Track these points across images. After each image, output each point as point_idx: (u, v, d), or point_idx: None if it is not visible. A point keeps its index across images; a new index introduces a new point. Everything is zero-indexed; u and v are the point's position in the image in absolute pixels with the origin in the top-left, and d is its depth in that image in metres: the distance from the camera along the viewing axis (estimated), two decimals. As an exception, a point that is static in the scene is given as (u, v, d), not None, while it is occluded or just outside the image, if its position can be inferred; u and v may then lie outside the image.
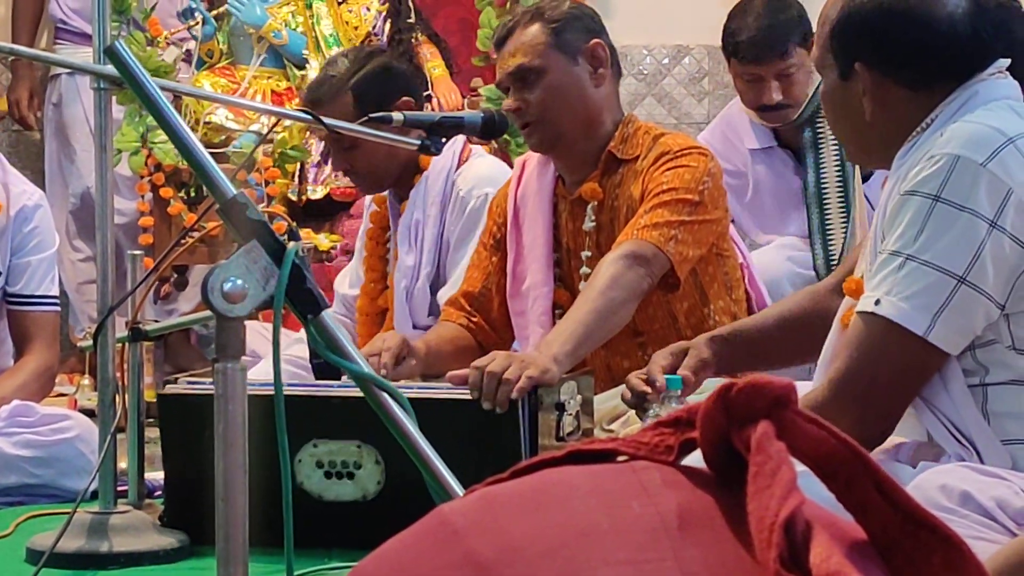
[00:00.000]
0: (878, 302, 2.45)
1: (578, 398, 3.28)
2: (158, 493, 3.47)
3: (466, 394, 3.12)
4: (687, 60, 6.87)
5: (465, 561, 1.14)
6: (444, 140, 3.64)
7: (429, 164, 4.24)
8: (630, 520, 1.16)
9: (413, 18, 6.12)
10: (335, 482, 3.16)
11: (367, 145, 4.04)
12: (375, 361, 3.43)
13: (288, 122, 5.55)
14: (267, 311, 1.98)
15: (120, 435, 3.19)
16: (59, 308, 4.35)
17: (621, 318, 3.46)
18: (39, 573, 2.88)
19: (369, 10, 6.13)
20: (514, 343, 3.89)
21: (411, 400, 2.08)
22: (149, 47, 5.73)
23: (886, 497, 1.17)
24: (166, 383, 3.40)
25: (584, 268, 3.74)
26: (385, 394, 2.05)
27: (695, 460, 1.23)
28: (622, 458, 1.24)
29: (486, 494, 1.22)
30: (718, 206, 3.66)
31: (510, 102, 3.75)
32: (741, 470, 1.16)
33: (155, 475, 3.52)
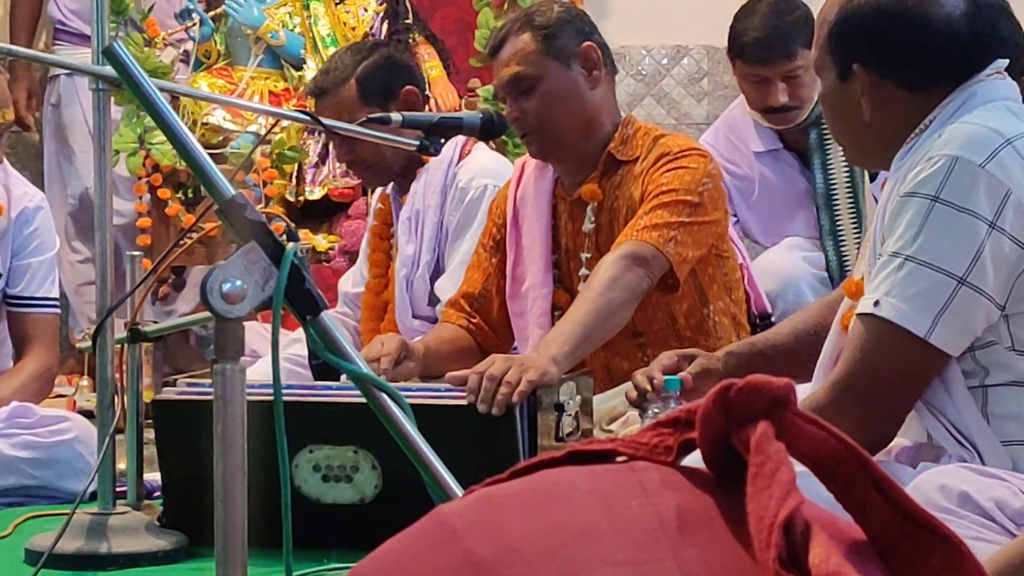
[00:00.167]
0: (878, 303, 2.44)
1: (577, 398, 3.28)
2: (157, 494, 3.47)
3: (463, 401, 3.11)
4: (686, 60, 6.87)
5: (464, 561, 1.14)
6: (443, 141, 3.64)
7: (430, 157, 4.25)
8: (629, 520, 1.16)
9: (411, 19, 6.12)
10: (333, 486, 3.16)
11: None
12: (374, 367, 3.42)
13: (286, 123, 5.55)
14: (266, 312, 1.98)
15: (119, 436, 3.19)
16: (59, 310, 4.35)
17: (620, 319, 3.46)
18: (38, 574, 2.88)
19: (367, 11, 6.13)
20: (514, 344, 3.89)
21: (409, 402, 2.08)
22: (147, 48, 5.73)
23: (885, 497, 1.17)
24: (165, 384, 3.39)
25: (584, 270, 3.74)
26: (384, 395, 2.05)
27: (694, 460, 1.23)
28: (621, 458, 1.24)
29: (485, 494, 1.22)
30: (717, 207, 3.66)
31: (508, 111, 3.75)
32: (740, 470, 1.16)
33: (154, 476, 3.52)
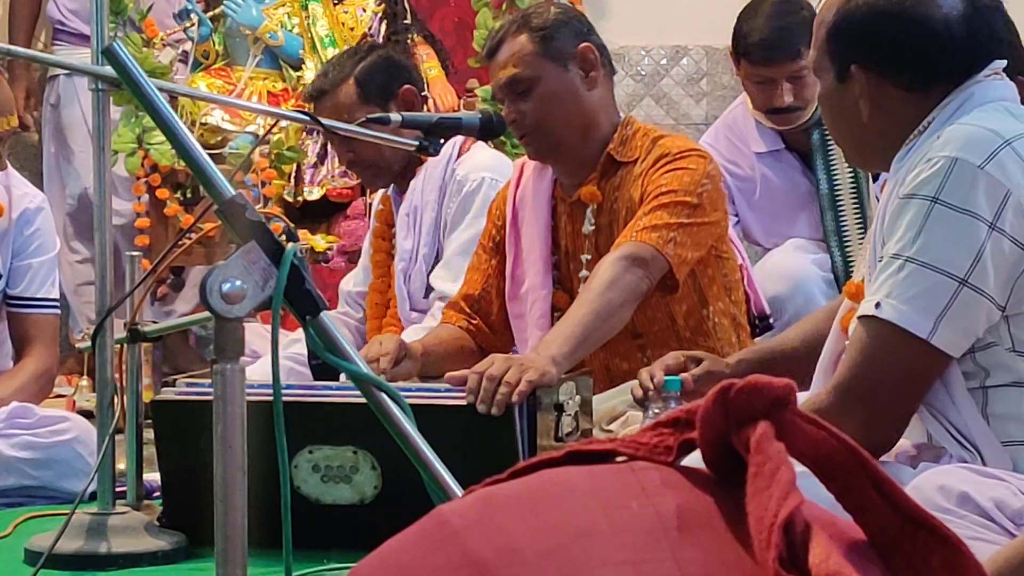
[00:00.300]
0: (879, 305, 2.43)
1: (577, 399, 3.28)
2: (156, 494, 3.47)
3: (463, 396, 3.12)
4: (685, 61, 6.87)
5: (464, 561, 1.14)
6: (442, 141, 3.64)
7: None
8: (629, 521, 1.16)
9: (409, 19, 6.11)
10: (332, 486, 3.16)
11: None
12: (373, 367, 3.42)
13: (285, 123, 5.55)
14: (265, 312, 1.98)
15: (118, 436, 3.19)
16: (59, 311, 4.35)
17: (619, 319, 3.46)
18: (38, 574, 2.88)
19: (365, 11, 6.13)
20: (514, 346, 3.89)
21: (409, 402, 2.08)
22: (145, 48, 5.73)
23: (885, 498, 1.17)
24: (164, 385, 3.39)
25: (583, 271, 3.74)
26: (384, 395, 2.05)
27: (694, 461, 1.23)
28: (621, 459, 1.24)
29: (485, 495, 1.22)
30: (717, 208, 3.66)
31: (506, 113, 3.75)
32: (740, 471, 1.16)
33: (154, 476, 3.52)
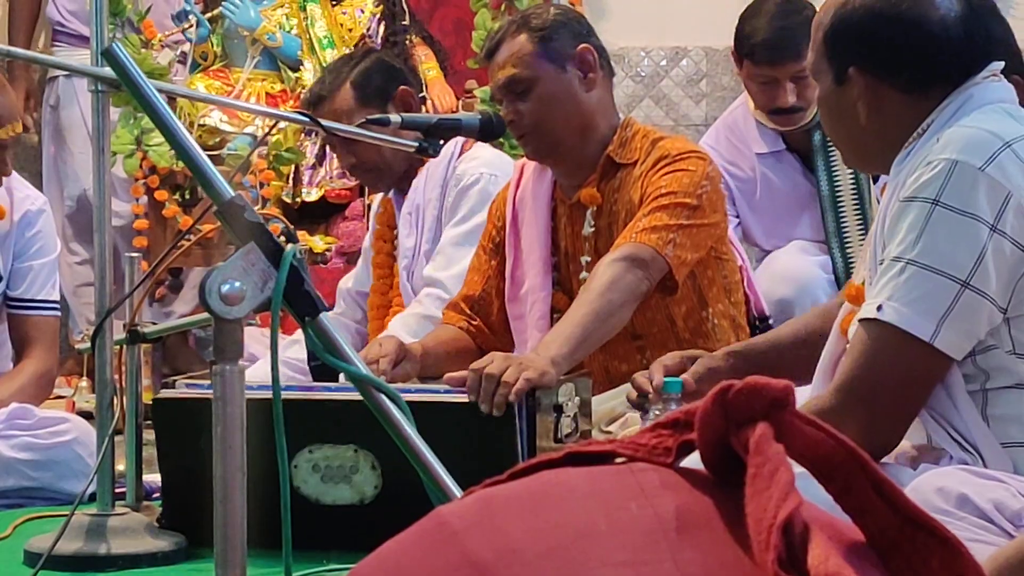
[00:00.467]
0: (881, 308, 2.43)
1: (576, 400, 3.28)
2: (156, 495, 3.47)
3: (463, 397, 3.12)
4: (685, 62, 6.87)
5: (463, 562, 1.14)
6: (441, 142, 3.64)
7: None
8: (628, 522, 1.16)
9: (407, 20, 6.12)
10: (332, 486, 3.16)
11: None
12: (373, 368, 3.42)
13: (283, 124, 5.55)
14: (264, 314, 1.98)
15: (118, 437, 3.19)
16: (59, 313, 4.35)
17: (619, 320, 3.46)
18: (37, 575, 2.88)
19: (363, 12, 6.13)
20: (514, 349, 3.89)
21: (408, 403, 2.07)
22: (144, 50, 5.73)
23: (885, 499, 1.17)
24: (164, 386, 3.39)
25: (583, 273, 3.73)
26: (383, 396, 2.05)
27: (694, 462, 1.23)
28: (620, 460, 1.24)
29: (484, 496, 1.22)
30: (716, 210, 3.66)
31: (504, 113, 3.75)
32: (739, 472, 1.16)
33: (153, 477, 3.52)
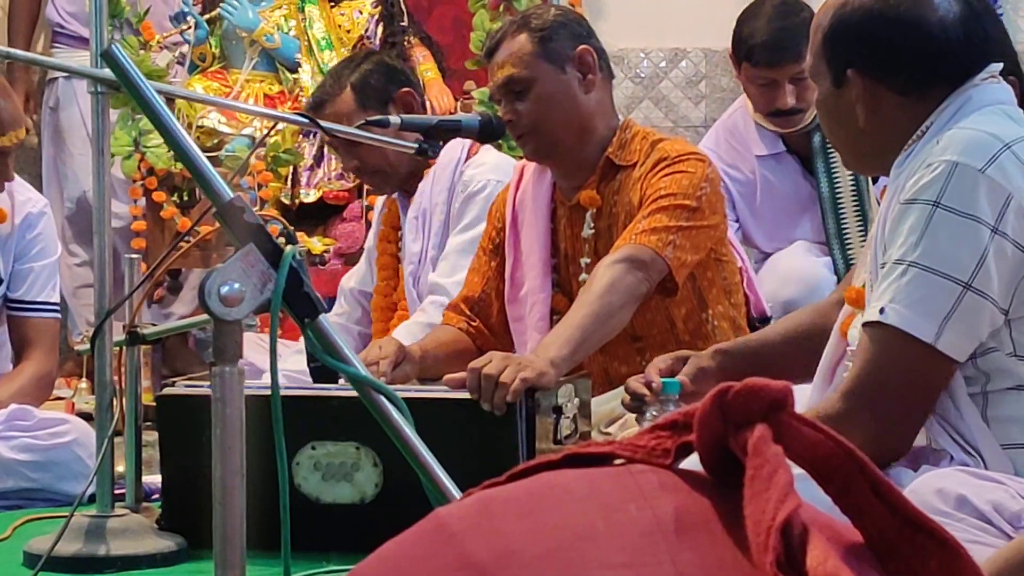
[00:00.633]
0: (883, 311, 2.42)
1: (575, 401, 3.28)
2: (156, 496, 3.47)
3: (463, 395, 3.12)
4: (684, 63, 6.86)
5: (462, 564, 1.14)
6: (441, 143, 3.64)
7: (438, 158, 4.26)
8: (627, 523, 1.16)
9: (406, 21, 6.11)
10: (333, 484, 3.16)
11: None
12: (372, 370, 3.42)
13: (282, 125, 5.55)
14: (264, 314, 1.98)
15: (117, 439, 3.19)
16: (60, 315, 4.35)
17: (618, 322, 3.46)
18: (36, 577, 2.89)
19: (361, 13, 6.12)
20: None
21: (408, 402, 2.07)
22: (142, 51, 5.73)
23: (883, 500, 1.17)
24: (164, 387, 3.39)
25: (583, 275, 3.74)
26: (382, 398, 2.05)
27: (692, 464, 1.23)
28: (619, 461, 1.24)
29: (483, 497, 1.22)
30: (716, 211, 3.66)
31: (502, 113, 3.75)
32: (738, 473, 1.16)
33: (153, 478, 3.52)
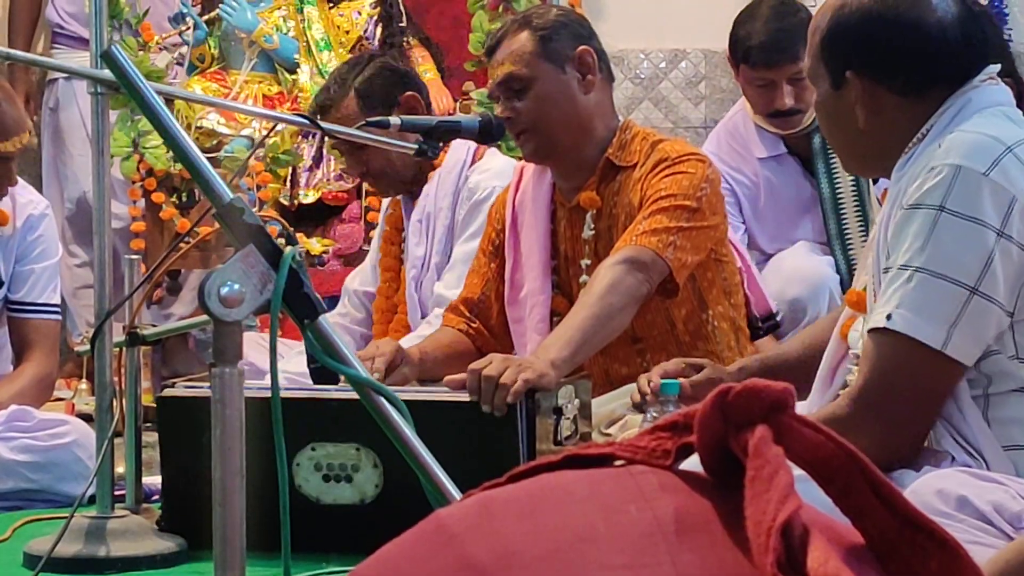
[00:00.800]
0: (890, 317, 2.42)
1: (576, 402, 3.28)
2: (156, 497, 3.47)
3: (463, 397, 3.12)
4: (684, 64, 6.86)
5: (462, 565, 1.14)
6: (440, 144, 3.64)
7: (443, 161, 4.26)
8: (627, 524, 1.15)
9: (405, 22, 6.11)
10: (333, 485, 3.16)
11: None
12: (367, 365, 3.42)
13: (281, 126, 5.55)
14: (265, 316, 1.98)
15: (117, 440, 3.19)
16: (60, 316, 4.35)
17: (619, 323, 3.46)
18: (36, 578, 2.89)
19: (360, 14, 6.12)
20: (513, 352, 3.89)
21: (408, 403, 2.06)
22: (141, 52, 5.73)
23: (884, 501, 1.17)
24: (163, 387, 3.39)
25: (583, 276, 3.74)
26: (382, 399, 2.04)
27: (693, 465, 1.23)
28: (619, 462, 1.24)
29: (483, 498, 1.22)
30: (716, 212, 3.66)
31: (501, 111, 3.75)
32: (738, 474, 1.16)
33: (153, 479, 3.52)
